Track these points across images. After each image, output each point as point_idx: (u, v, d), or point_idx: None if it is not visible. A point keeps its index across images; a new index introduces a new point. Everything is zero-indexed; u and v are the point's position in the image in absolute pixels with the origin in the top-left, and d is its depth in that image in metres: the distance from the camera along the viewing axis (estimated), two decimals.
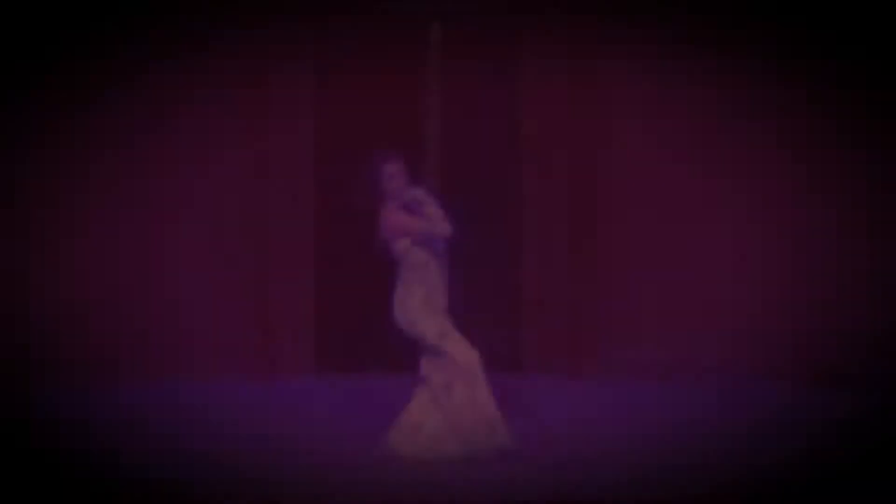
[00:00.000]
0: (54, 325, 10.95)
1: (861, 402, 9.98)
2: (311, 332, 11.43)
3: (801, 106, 10.99)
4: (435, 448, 8.34)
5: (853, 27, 10.77)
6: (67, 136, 11.02)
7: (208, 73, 11.14)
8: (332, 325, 11.42)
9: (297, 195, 11.33)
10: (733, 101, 11.06)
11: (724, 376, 10.85)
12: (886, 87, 10.80)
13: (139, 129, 11.09)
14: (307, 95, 11.34)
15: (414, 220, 8.47)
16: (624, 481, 7.75)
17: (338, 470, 8.12)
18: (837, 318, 10.92)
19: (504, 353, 10.66)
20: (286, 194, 11.32)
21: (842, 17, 10.77)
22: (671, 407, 9.96)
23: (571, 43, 11.23)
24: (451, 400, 8.38)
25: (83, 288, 11.05)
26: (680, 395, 10.37)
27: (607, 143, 11.21)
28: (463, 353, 8.41)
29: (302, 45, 11.33)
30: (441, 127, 11.37)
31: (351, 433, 9.03)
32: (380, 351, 11.15)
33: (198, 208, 11.20)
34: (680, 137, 11.14)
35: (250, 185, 11.25)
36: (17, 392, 10.38)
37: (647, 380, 10.86)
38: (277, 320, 11.33)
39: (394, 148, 8.61)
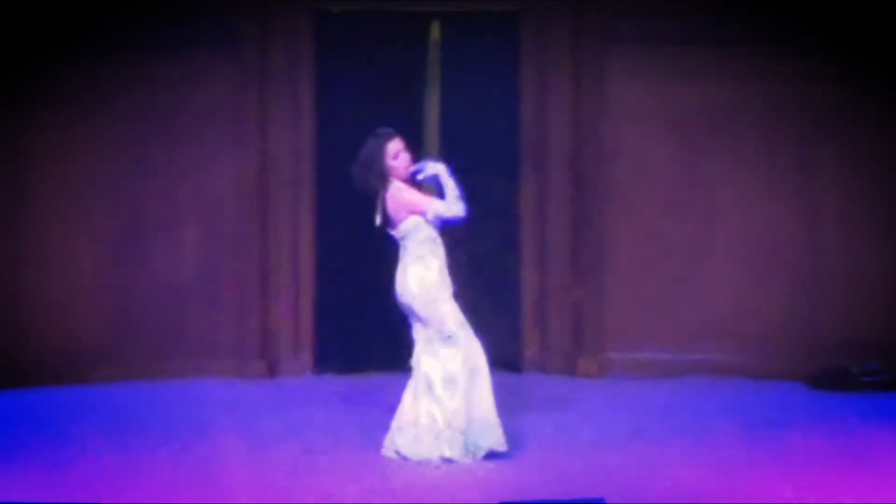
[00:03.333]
0: (51, 323, 10.94)
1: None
2: (311, 332, 11.42)
3: (807, 104, 10.98)
4: (433, 447, 8.27)
5: (852, 23, 10.77)
6: (66, 133, 11.01)
7: (208, 69, 11.13)
8: (332, 324, 11.40)
9: (297, 194, 11.32)
10: (740, 100, 11.04)
11: (724, 377, 10.85)
12: None
13: (138, 127, 11.07)
14: (307, 94, 11.33)
15: (428, 199, 8.41)
16: (624, 482, 7.74)
17: (337, 470, 8.11)
18: (842, 320, 10.93)
19: (504, 353, 10.66)
20: (286, 192, 11.31)
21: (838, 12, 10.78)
22: (671, 407, 9.94)
23: (573, 39, 11.23)
24: (452, 396, 8.30)
25: (81, 286, 11.04)
26: (680, 396, 10.36)
27: (609, 142, 11.20)
28: (474, 346, 8.35)
29: (301, 43, 11.33)
30: (441, 125, 11.37)
31: (351, 433, 9.02)
32: (380, 351, 11.16)
33: (197, 207, 11.18)
34: (684, 137, 11.12)
35: (250, 184, 11.24)
36: (15, 389, 10.40)
37: (647, 380, 10.86)
38: (277, 320, 11.32)
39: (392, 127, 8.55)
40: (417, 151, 10.85)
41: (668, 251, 11.17)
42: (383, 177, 8.39)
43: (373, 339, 11.25)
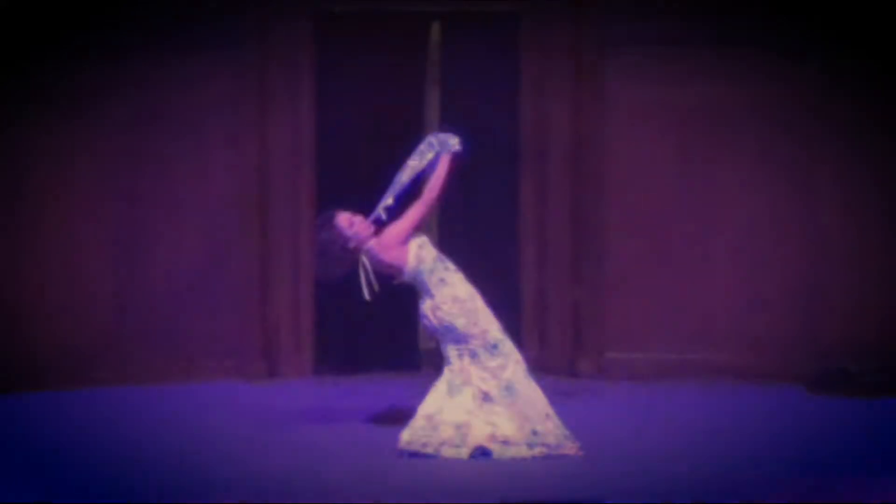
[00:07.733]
0: (51, 323, 10.94)
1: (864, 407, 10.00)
2: (311, 332, 11.42)
3: (807, 104, 10.98)
4: (508, 452, 8.18)
5: (852, 23, 10.78)
6: (66, 133, 11.01)
7: (208, 69, 11.13)
8: (332, 324, 11.40)
9: (297, 193, 11.32)
10: (739, 100, 11.04)
11: (723, 378, 10.86)
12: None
13: (138, 127, 11.08)
14: (307, 94, 11.33)
15: (412, 212, 8.31)
16: (626, 482, 7.74)
17: (337, 469, 8.10)
18: (842, 321, 10.93)
19: None
20: (286, 193, 11.32)
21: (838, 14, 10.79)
22: (671, 407, 9.94)
23: (573, 39, 11.23)
24: (516, 399, 8.23)
25: (81, 287, 11.04)
26: (679, 396, 10.36)
27: (609, 142, 11.20)
28: (515, 349, 8.34)
29: (301, 43, 11.33)
30: (441, 125, 11.37)
31: (351, 433, 9.02)
32: (380, 351, 11.16)
33: (197, 207, 11.19)
34: (683, 137, 11.12)
35: (250, 184, 11.24)
36: (15, 390, 10.40)
37: (646, 380, 10.86)
38: (277, 320, 11.32)
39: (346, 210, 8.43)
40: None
41: (667, 251, 11.18)
42: (349, 249, 8.28)
43: (373, 340, 11.25)
